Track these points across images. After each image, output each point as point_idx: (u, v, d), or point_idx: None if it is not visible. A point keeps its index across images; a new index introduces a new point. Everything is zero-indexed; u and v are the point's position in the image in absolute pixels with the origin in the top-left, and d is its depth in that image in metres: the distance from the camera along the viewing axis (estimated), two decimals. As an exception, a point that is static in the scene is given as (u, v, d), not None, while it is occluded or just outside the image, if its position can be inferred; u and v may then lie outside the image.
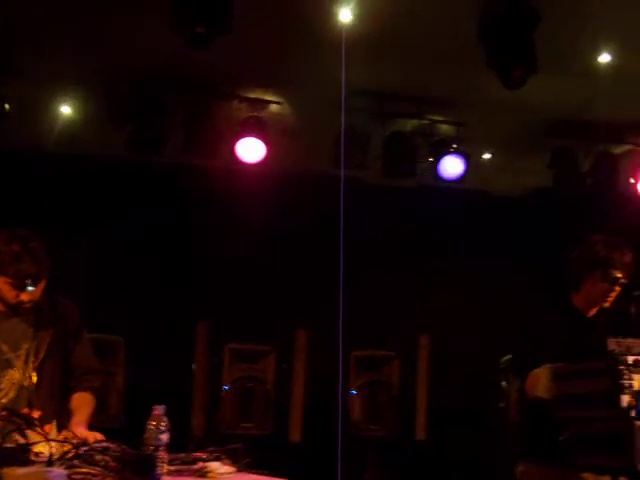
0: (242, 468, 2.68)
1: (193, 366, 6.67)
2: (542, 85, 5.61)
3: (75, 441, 2.54)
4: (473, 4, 5.01)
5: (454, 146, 6.51)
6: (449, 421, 7.43)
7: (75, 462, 2.32)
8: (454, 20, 5.15)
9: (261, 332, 6.75)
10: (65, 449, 2.39)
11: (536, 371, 3.13)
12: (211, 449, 2.68)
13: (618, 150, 6.89)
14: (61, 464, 2.29)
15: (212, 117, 6.10)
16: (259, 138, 6.20)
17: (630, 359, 2.44)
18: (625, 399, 2.41)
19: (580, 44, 5.43)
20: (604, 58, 5.58)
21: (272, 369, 6.73)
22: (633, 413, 2.40)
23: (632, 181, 6.89)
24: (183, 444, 2.69)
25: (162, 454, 2.37)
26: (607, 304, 3.37)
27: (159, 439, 2.37)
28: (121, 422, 6.20)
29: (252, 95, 6.23)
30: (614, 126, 6.63)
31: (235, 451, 2.76)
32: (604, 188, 6.84)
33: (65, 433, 2.98)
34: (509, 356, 4.05)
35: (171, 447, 2.47)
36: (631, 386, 2.42)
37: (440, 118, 6.50)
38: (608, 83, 5.77)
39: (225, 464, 2.64)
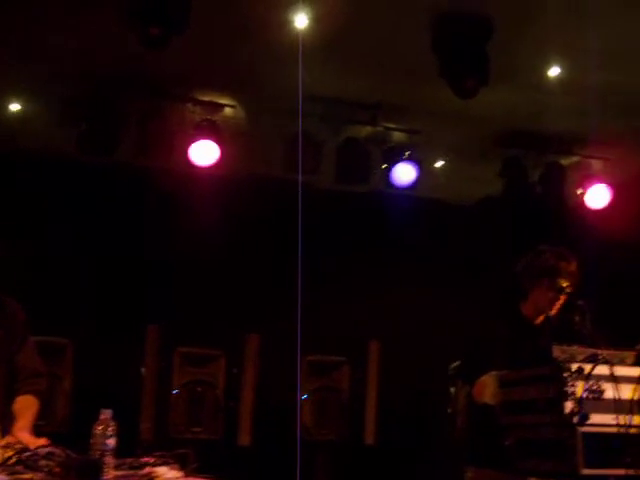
0: (190, 473, 2.66)
1: (142, 370, 6.60)
2: (494, 96, 5.70)
3: (18, 446, 2.49)
4: (427, 14, 5.07)
5: (407, 153, 6.56)
6: (398, 426, 7.48)
7: (18, 468, 2.28)
8: (409, 29, 5.21)
9: (212, 336, 6.72)
10: (7, 454, 2.35)
11: (483, 378, 3.17)
12: (159, 454, 2.66)
13: (566, 161, 7.02)
14: (3, 470, 2.25)
15: (166, 119, 6.06)
16: (213, 141, 6.17)
17: (574, 366, 2.49)
18: (568, 405, 2.46)
19: (531, 57, 5.54)
20: (554, 71, 5.70)
21: (222, 373, 6.69)
22: (576, 419, 2.45)
23: (579, 192, 7.02)
24: (131, 449, 2.66)
25: (109, 459, 2.34)
26: (553, 312, 3.43)
27: (106, 444, 2.34)
28: (68, 427, 6.11)
29: (206, 98, 6.20)
30: (563, 138, 6.76)
31: (183, 456, 2.74)
32: (552, 198, 6.96)
33: (8, 438, 2.93)
34: (458, 363, 4.09)
35: (119, 452, 2.44)
36: (574, 393, 2.46)
37: (394, 125, 6.55)
38: (557, 96, 5.89)
39: (173, 469, 2.61)
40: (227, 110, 6.30)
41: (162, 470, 2.55)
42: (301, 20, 5.11)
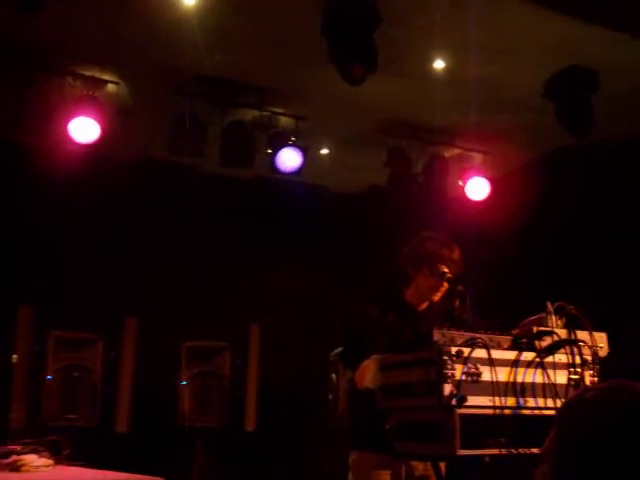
0: (61, 460, 2.55)
1: (14, 355, 6.32)
2: (381, 85, 5.76)
3: None
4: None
5: (292, 139, 6.54)
6: (279, 412, 7.50)
7: None
8: (299, 12, 5.17)
9: (89, 319, 6.51)
10: None
11: (365, 362, 3.19)
12: (27, 441, 2.53)
13: (449, 153, 7.19)
14: None
15: (44, 93, 5.78)
16: (93, 118, 5.95)
17: (453, 349, 2.53)
18: (447, 388, 2.50)
19: (417, 49, 5.62)
20: (438, 64, 5.81)
21: (99, 358, 6.50)
22: (454, 402, 2.49)
23: (460, 183, 7.21)
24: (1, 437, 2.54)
25: (-29, 447, 2.21)
26: (436, 298, 3.49)
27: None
28: None
29: (88, 73, 5.97)
30: (446, 130, 6.91)
31: (55, 443, 2.63)
32: (434, 189, 7.11)
33: None
34: (339, 349, 4.12)
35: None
36: (453, 375, 2.51)
37: (280, 110, 6.51)
38: (442, 88, 6.01)
39: (43, 456, 2.50)
40: (110, 86, 6.08)
41: (30, 458, 2.43)
42: (189, -3, 5.00)
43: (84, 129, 5.95)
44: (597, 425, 1.38)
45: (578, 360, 2.74)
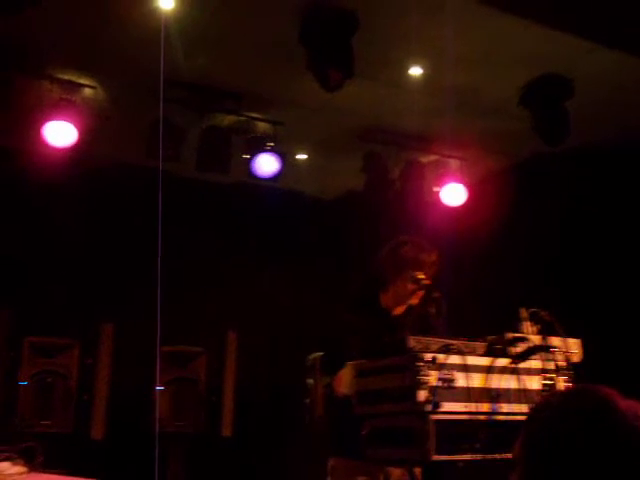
0: (35, 468, 2.53)
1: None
2: (358, 91, 5.79)
3: None
4: (296, 6, 5.07)
5: (270, 144, 6.54)
6: (255, 417, 7.48)
7: None
8: (278, 20, 5.19)
9: (65, 324, 6.46)
10: None
11: (342, 370, 3.20)
12: (0, 449, 2.51)
13: (425, 159, 7.22)
14: None
15: (20, 96, 5.73)
16: (70, 122, 5.91)
17: (428, 356, 2.55)
18: (422, 394, 2.51)
19: (394, 55, 5.65)
20: (415, 70, 5.84)
21: (75, 364, 6.45)
22: (429, 408, 2.51)
23: (436, 189, 7.24)
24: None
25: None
26: (415, 302, 3.50)
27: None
28: None
29: (65, 77, 5.93)
30: (422, 136, 6.95)
31: (29, 450, 2.61)
32: (411, 194, 7.14)
33: None
34: (315, 354, 4.11)
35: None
36: (428, 382, 2.52)
37: (258, 116, 6.52)
38: (418, 94, 6.05)
39: (17, 464, 2.48)
40: (87, 91, 6.05)
41: (3, 466, 2.41)
42: (166, 2, 4.98)
43: (60, 133, 5.92)
44: (562, 431, 1.40)
45: (552, 366, 2.76)
